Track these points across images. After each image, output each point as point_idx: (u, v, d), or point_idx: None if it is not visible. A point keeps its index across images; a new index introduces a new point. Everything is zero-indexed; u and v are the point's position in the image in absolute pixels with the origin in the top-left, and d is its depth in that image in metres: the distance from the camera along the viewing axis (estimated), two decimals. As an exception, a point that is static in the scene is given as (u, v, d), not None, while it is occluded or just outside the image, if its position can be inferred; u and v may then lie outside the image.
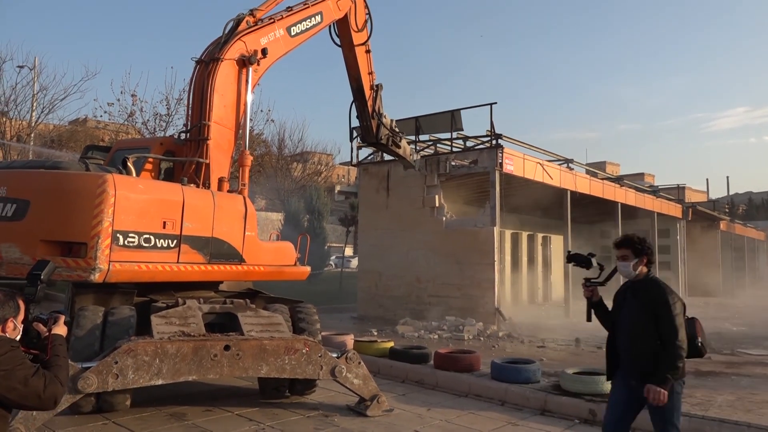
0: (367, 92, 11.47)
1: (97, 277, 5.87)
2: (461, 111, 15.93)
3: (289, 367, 6.17)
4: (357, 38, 10.86)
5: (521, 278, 20.67)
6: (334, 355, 6.54)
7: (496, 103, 15.10)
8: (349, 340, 9.91)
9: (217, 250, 7.04)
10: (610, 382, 4.34)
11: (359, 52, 11.00)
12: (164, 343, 5.64)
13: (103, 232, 5.92)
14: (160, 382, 5.60)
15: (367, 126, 11.87)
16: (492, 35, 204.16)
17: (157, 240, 6.42)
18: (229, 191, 7.71)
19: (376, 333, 12.99)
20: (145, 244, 6.31)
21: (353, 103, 11.68)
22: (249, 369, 6.04)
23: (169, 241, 6.55)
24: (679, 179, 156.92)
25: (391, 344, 9.79)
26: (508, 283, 18.89)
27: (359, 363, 6.63)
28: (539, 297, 22.22)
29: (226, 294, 7.78)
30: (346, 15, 10.41)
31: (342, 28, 10.64)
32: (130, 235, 6.18)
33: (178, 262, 6.63)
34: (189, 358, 5.68)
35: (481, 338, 12.82)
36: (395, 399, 7.48)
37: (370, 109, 11.65)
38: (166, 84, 53.80)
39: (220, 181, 7.70)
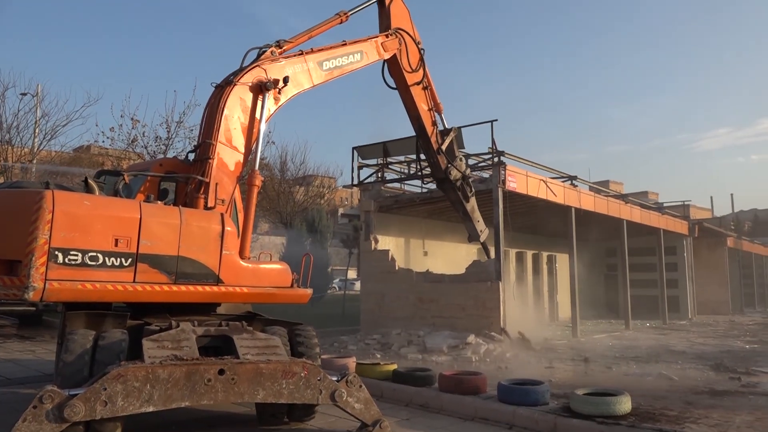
0: (429, 128, 11.13)
1: (31, 296, 5.74)
2: (462, 129, 15.81)
3: (287, 392, 5.91)
4: (411, 78, 10.52)
5: (527, 297, 20.39)
6: (334, 378, 6.28)
7: (497, 120, 15.02)
8: (351, 362, 9.65)
9: (185, 270, 6.80)
10: (623, 402, 4.06)
11: (415, 90, 10.66)
12: (155, 367, 5.40)
13: (38, 250, 5.78)
14: (151, 409, 5.35)
15: (434, 162, 11.55)
16: (483, 60, 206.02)
17: (106, 258, 6.24)
18: (206, 208, 7.45)
19: (379, 356, 12.72)
20: (90, 263, 6.14)
21: (418, 140, 11.42)
22: (245, 394, 5.79)
23: (122, 259, 6.35)
24: (681, 197, 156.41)
25: (394, 367, 9.53)
26: (514, 303, 18.59)
27: (360, 386, 6.35)
28: (546, 316, 21.89)
29: (222, 317, 7.56)
30: (395, 56, 10.09)
31: (393, 69, 10.32)
32: (72, 252, 6.01)
33: (134, 282, 6.43)
34: (181, 383, 5.44)
35: (487, 359, 12.51)
36: (398, 424, 7.21)
37: (435, 145, 11.27)
38: (166, 107, 53.98)
39: (221, 202, 7.52)
